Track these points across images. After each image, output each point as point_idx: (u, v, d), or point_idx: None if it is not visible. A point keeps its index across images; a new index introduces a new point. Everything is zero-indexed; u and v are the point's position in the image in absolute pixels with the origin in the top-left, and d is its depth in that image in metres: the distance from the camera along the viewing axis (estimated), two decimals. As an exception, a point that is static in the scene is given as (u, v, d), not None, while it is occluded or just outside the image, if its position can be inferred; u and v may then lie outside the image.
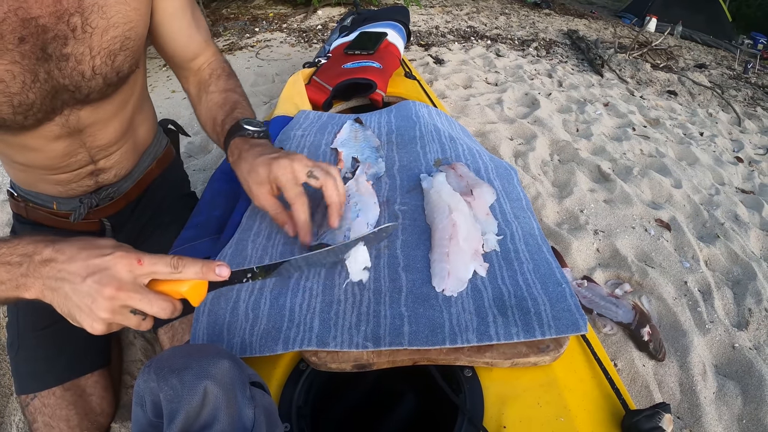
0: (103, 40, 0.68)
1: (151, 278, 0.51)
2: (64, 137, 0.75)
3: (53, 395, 0.84)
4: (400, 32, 1.71)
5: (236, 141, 0.76)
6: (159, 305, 0.50)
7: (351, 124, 1.05)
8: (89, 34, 0.66)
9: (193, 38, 0.87)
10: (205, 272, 0.52)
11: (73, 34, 0.65)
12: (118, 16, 0.69)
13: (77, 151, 0.79)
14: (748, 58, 4.48)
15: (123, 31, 0.70)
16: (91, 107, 0.74)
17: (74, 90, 0.69)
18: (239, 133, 0.77)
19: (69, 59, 0.66)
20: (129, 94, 0.82)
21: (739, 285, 1.52)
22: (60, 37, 0.64)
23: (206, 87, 0.88)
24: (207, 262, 0.52)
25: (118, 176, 0.89)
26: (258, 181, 0.69)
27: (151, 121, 0.97)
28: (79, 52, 0.66)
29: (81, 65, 0.67)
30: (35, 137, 0.72)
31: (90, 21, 0.66)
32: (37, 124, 0.69)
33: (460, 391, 0.57)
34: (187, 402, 0.42)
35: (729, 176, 2.27)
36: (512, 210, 0.78)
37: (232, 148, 0.76)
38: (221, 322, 0.62)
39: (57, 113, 0.70)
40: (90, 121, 0.76)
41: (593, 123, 2.57)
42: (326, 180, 0.68)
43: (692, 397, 1.15)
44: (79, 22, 0.64)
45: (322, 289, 0.65)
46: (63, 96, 0.69)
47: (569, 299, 0.61)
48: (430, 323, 0.59)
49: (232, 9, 4.73)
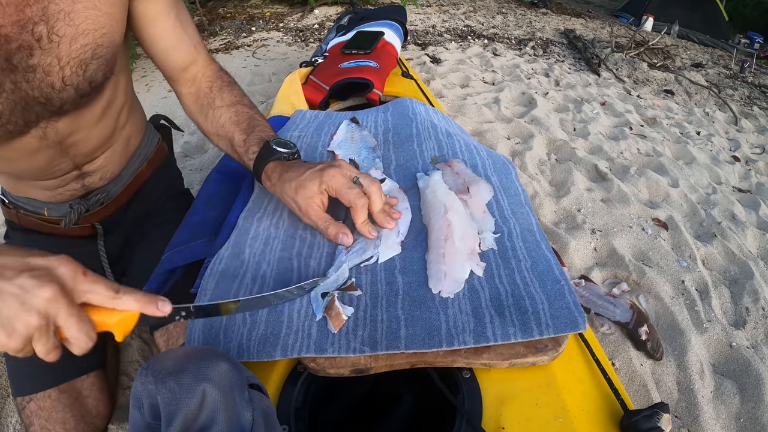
0: (71, 48, 0.64)
1: (86, 299, 0.46)
2: (43, 149, 0.71)
3: (49, 397, 0.84)
4: (397, 31, 1.70)
5: (271, 165, 0.74)
6: (86, 330, 0.45)
7: (347, 124, 1.05)
8: (56, 44, 0.62)
9: (182, 43, 0.82)
10: (146, 304, 0.48)
11: (39, 44, 0.60)
12: (87, 23, 0.64)
13: (60, 161, 0.76)
14: (745, 58, 4.50)
15: (94, 38, 0.66)
16: (68, 118, 0.70)
17: (45, 102, 0.65)
18: (273, 157, 0.74)
19: (36, 70, 0.62)
20: (109, 100, 0.78)
21: (737, 284, 1.52)
22: (24, 47, 0.59)
23: (210, 102, 0.84)
24: (148, 295, 0.49)
25: (104, 179, 0.87)
26: (309, 196, 0.68)
27: (139, 122, 0.94)
28: (47, 62, 0.62)
29: (49, 76, 0.63)
30: (12, 150, 0.68)
31: (56, 29, 0.61)
32: (10, 137, 0.65)
33: (459, 392, 0.57)
34: (185, 404, 0.42)
35: (726, 175, 2.28)
36: (510, 206, 0.78)
37: (268, 172, 0.74)
38: (218, 325, 0.62)
39: (32, 126, 0.67)
40: (69, 131, 0.73)
41: (590, 122, 2.58)
42: (370, 187, 0.68)
43: (690, 396, 1.15)
44: (44, 31, 0.60)
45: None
46: (35, 108, 0.65)
47: (568, 296, 0.61)
48: (427, 326, 0.59)
49: (228, 8, 4.72)
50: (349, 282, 0.65)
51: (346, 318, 0.60)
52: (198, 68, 0.85)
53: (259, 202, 0.84)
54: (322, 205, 0.70)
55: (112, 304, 0.47)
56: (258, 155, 0.76)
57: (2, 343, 0.42)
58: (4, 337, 0.41)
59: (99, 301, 0.46)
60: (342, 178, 0.67)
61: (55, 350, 0.45)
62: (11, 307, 0.41)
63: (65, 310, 0.43)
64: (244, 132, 0.79)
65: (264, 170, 0.75)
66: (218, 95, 0.84)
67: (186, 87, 0.85)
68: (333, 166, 0.68)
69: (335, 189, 0.67)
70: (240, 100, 0.84)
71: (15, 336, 0.41)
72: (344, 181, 0.67)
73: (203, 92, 0.84)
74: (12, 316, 0.41)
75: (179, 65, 0.83)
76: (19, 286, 0.41)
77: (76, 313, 0.44)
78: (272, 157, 0.74)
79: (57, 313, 0.42)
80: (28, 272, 0.42)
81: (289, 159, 0.76)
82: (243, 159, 0.79)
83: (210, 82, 0.85)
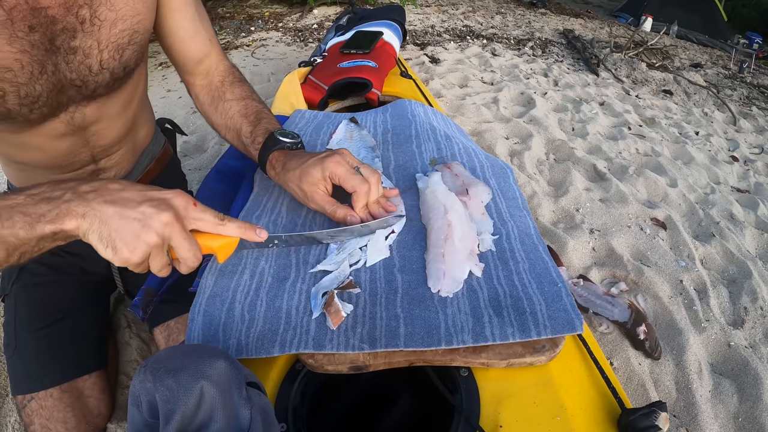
0: (111, 33, 0.67)
1: (195, 227, 0.54)
2: (68, 135, 0.74)
3: (51, 397, 0.84)
4: (396, 31, 1.70)
5: (275, 154, 0.76)
6: (195, 251, 0.53)
7: (346, 123, 1.05)
8: (98, 27, 0.65)
9: (199, 35, 0.85)
10: (246, 230, 0.57)
11: (82, 26, 0.64)
12: (126, 9, 0.68)
13: (80, 150, 0.78)
14: (744, 58, 4.51)
15: (131, 24, 0.69)
16: (97, 104, 0.73)
17: (81, 85, 0.68)
18: (277, 146, 0.76)
19: (77, 52, 0.65)
20: (133, 90, 0.81)
21: (735, 284, 1.53)
22: (68, 29, 0.63)
23: (221, 95, 0.86)
24: (248, 223, 0.58)
25: (117, 176, 0.88)
26: (313, 182, 0.70)
27: (150, 120, 0.97)
28: (87, 45, 0.65)
29: (89, 59, 0.66)
30: (38, 135, 0.71)
31: (98, 13, 0.65)
32: (42, 119, 0.68)
33: (457, 391, 0.57)
34: (184, 402, 0.42)
35: (724, 175, 2.28)
36: (508, 209, 0.78)
37: (272, 161, 0.76)
38: (217, 322, 0.62)
39: (63, 110, 0.69)
40: (95, 119, 0.75)
41: (589, 122, 2.58)
42: (371, 177, 0.70)
43: (688, 395, 1.15)
44: (87, 15, 0.64)
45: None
46: (69, 92, 0.68)
47: (565, 299, 0.61)
48: (426, 324, 0.59)
49: (227, 8, 4.72)
50: (348, 280, 0.65)
51: (345, 315, 0.60)
52: (212, 61, 0.88)
53: (258, 200, 0.84)
54: (327, 191, 0.71)
55: (217, 230, 0.56)
56: (263, 145, 0.78)
57: (126, 257, 0.49)
58: (127, 253, 0.49)
59: (207, 228, 0.55)
60: (345, 164, 0.69)
61: (167, 267, 0.53)
62: (135, 229, 0.49)
63: (179, 234, 0.51)
64: (251, 124, 0.81)
65: (268, 159, 0.77)
66: (229, 89, 0.87)
67: (199, 79, 0.88)
68: (336, 154, 0.70)
69: (338, 175, 0.69)
70: (249, 95, 0.87)
71: (137, 252, 0.49)
72: (347, 168, 0.69)
73: (215, 85, 0.88)
74: (135, 235, 0.49)
75: (195, 57, 0.86)
76: (141, 213, 0.49)
77: (187, 236, 0.52)
78: (276, 147, 0.76)
79: (171, 235, 0.51)
80: (148, 202, 0.50)
81: (293, 149, 0.78)
82: (249, 149, 0.81)
83: (222, 76, 0.88)
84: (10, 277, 0.92)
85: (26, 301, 0.89)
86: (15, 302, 0.90)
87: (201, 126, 2.28)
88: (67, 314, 0.90)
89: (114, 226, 0.49)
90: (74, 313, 0.91)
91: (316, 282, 0.66)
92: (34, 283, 0.90)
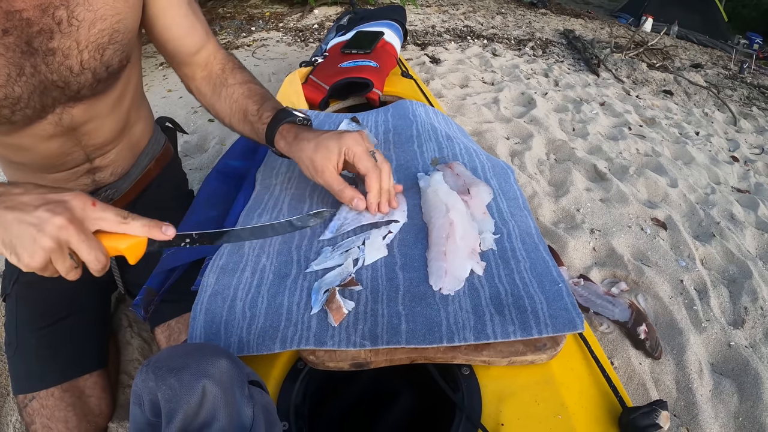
0: (90, 33, 0.66)
1: (98, 227, 0.52)
2: (58, 136, 0.74)
3: (52, 396, 0.84)
4: (397, 31, 1.71)
5: (286, 126, 0.76)
6: (96, 254, 0.51)
7: (348, 123, 1.05)
8: (75, 28, 0.65)
9: (194, 29, 0.84)
10: (151, 228, 0.54)
11: (59, 27, 0.63)
12: (105, 8, 0.67)
13: (72, 150, 0.78)
14: (744, 58, 4.51)
15: (111, 23, 0.69)
16: (84, 105, 0.73)
17: (63, 86, 0.68)
18: (288, 119, 0.76)
19: (56, 54, 0.65)
20: (123, 90, 0.80)
21: (735, 284, 1.53)
22: (45, 30, 0.62)
23: (223, 81, 0.86)
24: (154, 221, 0.55)
25: (115, 175, 0.89)
26: (327, 156, 0.70)
27: (148, 119, 0.96)
28: (66, 46, 0.65)
29: (68, 60, 0.66)
30: (28, 136, 0.71)
31: (76, 14, 0.64)
32: (28, 121, 0.68)
33: (458, 389, 0.58)
34: (186, 401, 0.42)
35: (725, 175, 2.28)
36: (509, 209, 0.78)
37: (283, 132, 0.75)
38: (218, 320, 0.62)
39: (49, 111, 0.69)
40: (84, 119, 0.75)
41: (589, 122, 2.58)
42: (384, 164, 0.70)
43: (689, 395, 1.15)
44: (64, 15, 0.63)
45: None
46: (53, 93, 0.68)
47: (566, 298, 0.61)
48: (428, 322, 0.59)
49: (228, 8, 4.72)
50: (349, 277, 0.65)
51: (347, 312, 0.61)
52: (209, 52, 0.87)
53: (259, 199, 0.84)
54: (337, 168, 0.71)
55: (120, 228, 0.53)
56: (273, 118, 0.77)
57: (27, 263, 0.49)
58: (27, 258, 0.49)
59: (110, 227, 0.53)
60: (363, 144, 0.70)
61: (73, 270, 0.52)
62: (31, 234, 0.48)
63: (75, 236, 0.50)
64: (257, 103, 0.81)
65: (279, 131, 0.76)
66: (231, 75, 0.86)
67: (199, 71, 0.88)
68: (356, 132, 0.71)
69: (355, 153, 0.69)
70: (252, 80, 0.87)
71: (36, 258, 0.49)
72: (364, 149, 0.69)
73: (216, 74, 0.87)
74: (32, 240, 0.48)
75: (192, 50, 0.85)
76: (37, 217, 0.48)
77: (86, 239, 0.50)
78: (287, 119, 0.76)
79: (68, 238, 0.49)
80: (44, 206, 0.49)
81: (304, 124, 0.78)
82: (256, 127, 0.80)
83: (222, 64, 0.88)
84: (11, 276, 0.92)
85: (27, 301, 0.89)
86: (16, 302, 0.90)
87: (202, 126, 2.28)
88: (68, 314, 0.90)
89: (14, 233, 0.48)
90: (75, 313, 0.91)
91: (318, 279, 0.66)
92: (35, 282, 0.90)
